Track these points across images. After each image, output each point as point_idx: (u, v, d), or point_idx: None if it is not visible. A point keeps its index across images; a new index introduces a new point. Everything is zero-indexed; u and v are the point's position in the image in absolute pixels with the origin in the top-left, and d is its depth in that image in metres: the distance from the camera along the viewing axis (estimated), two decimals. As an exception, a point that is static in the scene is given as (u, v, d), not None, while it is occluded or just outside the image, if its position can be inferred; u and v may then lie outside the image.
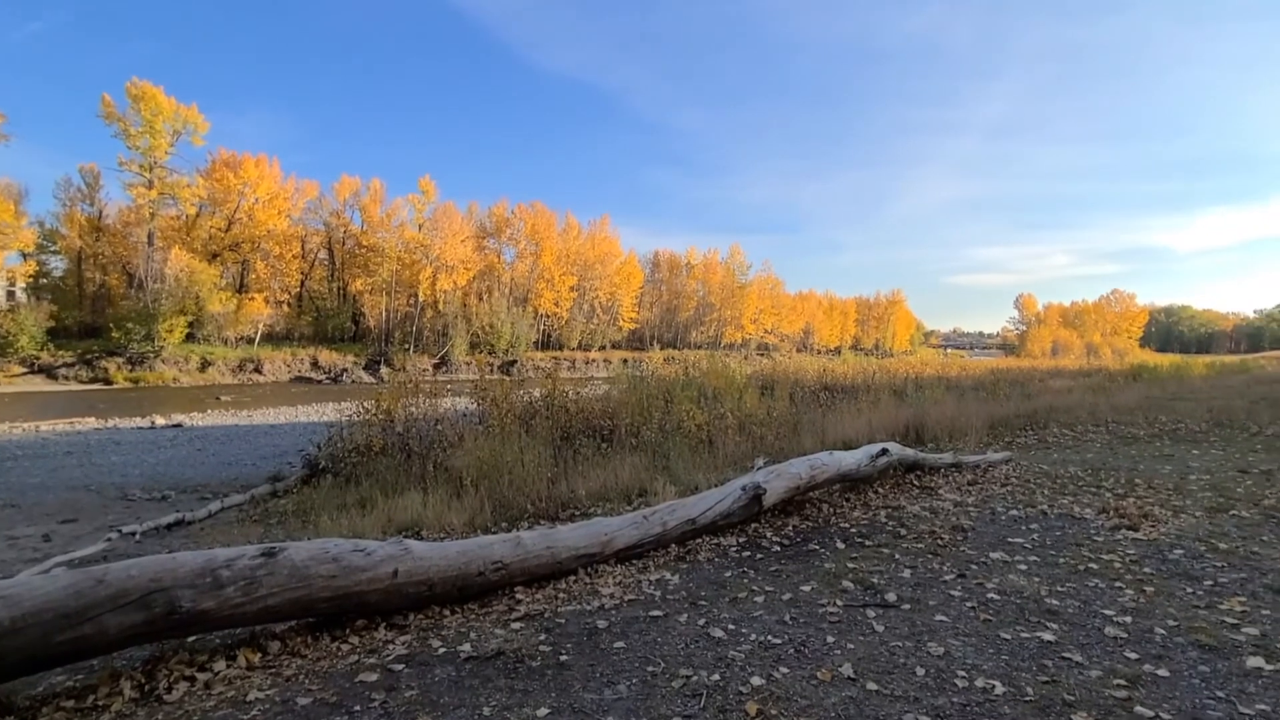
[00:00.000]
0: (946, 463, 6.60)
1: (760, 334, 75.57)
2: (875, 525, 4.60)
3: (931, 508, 5.08)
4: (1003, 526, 4.51)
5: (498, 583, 3.40)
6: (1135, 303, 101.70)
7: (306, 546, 2.98)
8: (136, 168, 42.00)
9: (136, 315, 38.36)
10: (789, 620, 2.96)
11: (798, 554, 4.01)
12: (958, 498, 5.43)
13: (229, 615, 2.70)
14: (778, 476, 4.74)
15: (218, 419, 22.52)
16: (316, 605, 2.92)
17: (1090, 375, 26.74)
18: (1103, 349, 78.62)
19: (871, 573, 3.59)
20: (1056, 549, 3.94)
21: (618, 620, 3.01)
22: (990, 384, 19.55)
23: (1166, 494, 5.33)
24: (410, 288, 50.10)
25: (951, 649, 2.64)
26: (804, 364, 24.74)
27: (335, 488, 8.27)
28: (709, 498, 4.43)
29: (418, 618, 3.15)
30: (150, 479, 11.67)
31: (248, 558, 2.79)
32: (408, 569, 3.12)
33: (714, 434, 9.06)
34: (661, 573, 3.70)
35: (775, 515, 4.85)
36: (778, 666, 2.52)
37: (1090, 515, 4.71)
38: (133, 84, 41.39)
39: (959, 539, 4.21)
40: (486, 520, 5.25)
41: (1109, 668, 2.47)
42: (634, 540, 3.90)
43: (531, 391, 10.18)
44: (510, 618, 3.10)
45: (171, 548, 6.40)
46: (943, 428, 9.40)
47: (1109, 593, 3.21)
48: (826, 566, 3.72)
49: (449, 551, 3.30)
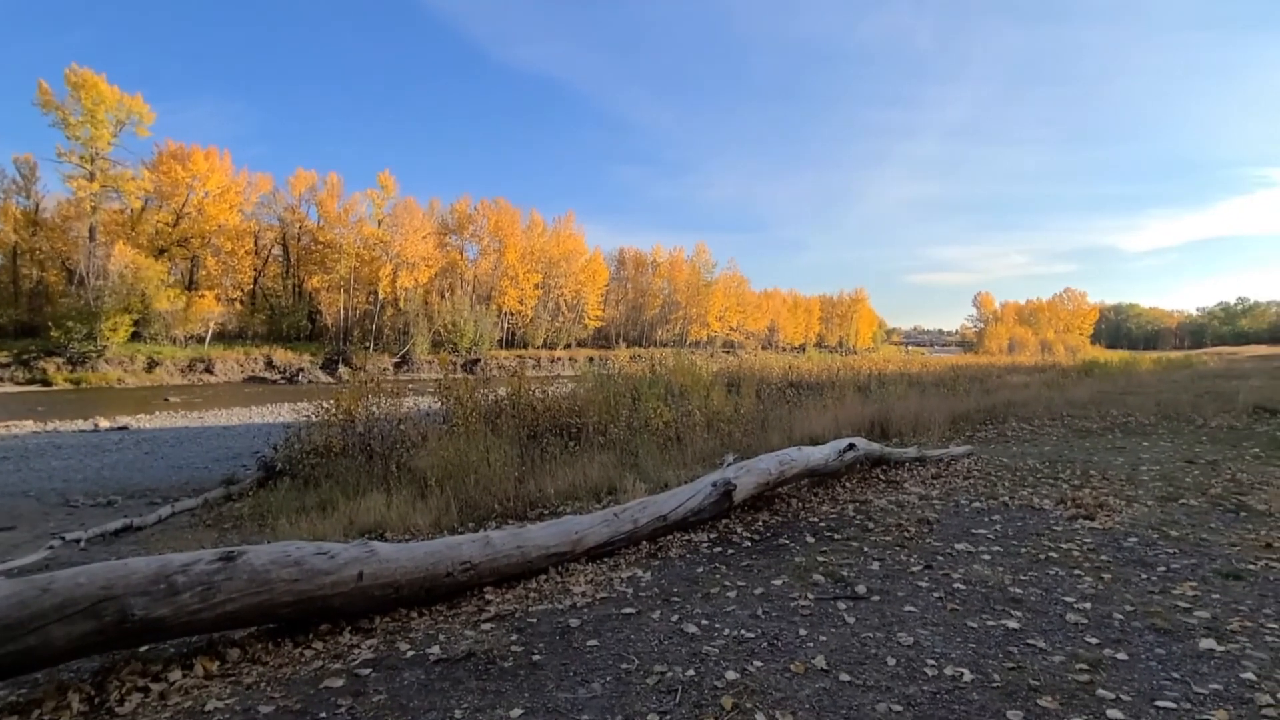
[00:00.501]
0: (911, 457, 6.74)
1: (726, 332, 76.24)
2: (844, 519, 4.67)
3: (898, 501, 5.18)
4: (966, 518, 4.62)
5: (467, 583, 3.33)
6: (1087, 301, 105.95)
7: (267, 550, 2.87)
8: (76, 159, 39.94)
9: (77, 313, 36.51)
10: (761, 614, 2.97)
11: (768, 548, 4.04)
12: (923, 491, 5.55)
13: (185, 623, 2.58)
14: (747, 473, 4.77)
15: (167, 421, 21.62)
16: (278, 610, 2.80)
17: (1045, 371, 27.77)
18: (1056, 345, 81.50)
19: (841, 566, 3.64)
20: (1018, 539, 4.06)
21: (590, 618, 2.98)
22: (950, 380, 20.11)
23: (1120, 484, 5.55)
24: (370, 285, 48.93)
25: (921, 638, 2.69)
26: (769, 361, 25.07)
27: (294, 490, 8.01)
28: (680, 494, 4.42)
29: (384, 621, 3.06)
30: (95, 484, 11.13)
31: (205, 563, 2.67)
32: (373, 571, 3.03)
33: (682, 431, 9.09)
34: (633, 570, 3.68)
35: (745, 511, 4.87)
36: (752, 660, 2.52)
37: (1049, 506, 4.87)
38: (72, 71, 39.36)
39: (925, 531, 4.29)
40: (453, 521, 5.14)
41: (1071, 653, 2.54)
42: (605, 538, 3.87)
43: (497, 390, 10.04)
44: (480, 618, 3.03)
45: (120, 554, 6.11)
46: (907, 423, 9.61)
47: (1069, 580, 3.32)
48: (797, 560, 3.75)
49: (416, 553, 3.21)
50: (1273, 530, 4.07)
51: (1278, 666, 2.38)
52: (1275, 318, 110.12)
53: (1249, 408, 10.92)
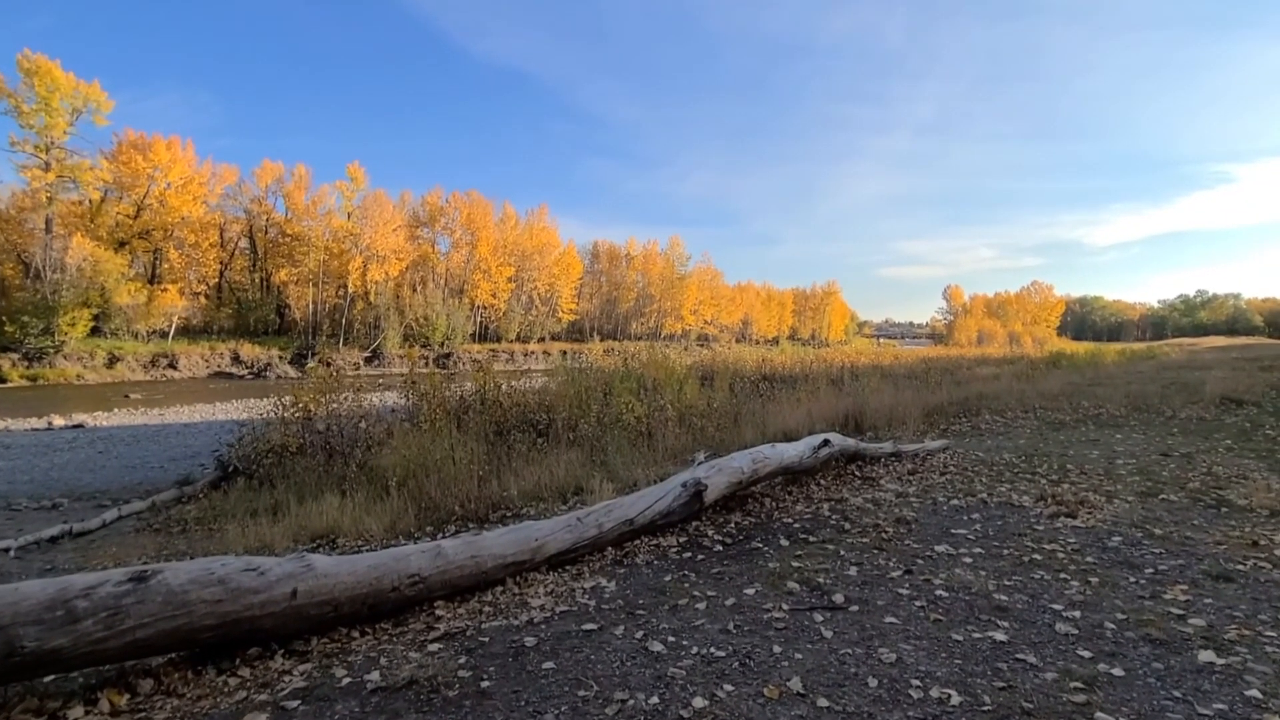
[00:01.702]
0: (887, 452, 6.62)
1: (700, 325, 76.24)
2: (819, 519, 4.50)
3: (874, 499, 5.03)
4: (945, 517, 4.48)
5: (415, 598, 3.07)
6: (1054, 294, 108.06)
7: (187, 568, 2.57)
8: (31, 148, 38.16)
9: (33, 308, 35.03)
10: (733, 629, 2.76)
11: (741, 553, 3.84)
12: (899, 488, 5.41)
13: (88, 653, 2.28)
14: (719, 471, 4.57)
15: (125, 419, 20.81)
16: (199, 635, 2.52)
17: (1014, 363, 28.19)
18: (1024, 337, 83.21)
19: (817, 571, 3.45)
20: (1000, 540, 3.92)
21: (548, 636, 2.75)
22: (922, 372, 20.23)
23: (1098, 479, 5.47)
24: (339, 278, 47.80)
25: (904, 655, 2.51)
26: (743, 354, 24.97)
27: (248, 491, 7.65)
28: (648, 496, 4.21)
29: (321, 642, 2.79)
30: (41, 486, 10.57)
31: (112, 584, 2.37)
32: (309, 588, 2.75)
33: (653, 426, 8.88)
34: (597, 579, 3.45)
35: (717, 511, 4.68)
36: (721, 684, 2.31)
37: (1029, 503, 4.75)
38: (25, 57, 37.61)
39: (903, 532, 4.14)
40: (410, 525, 4.86)
41: (1064, 669, 2.38)
42: (568, 545, 3.64)
43: (465, 385, 9.73)
44: (428, 638, 2.78)
45: (56, 564, 5.72)
46: (881, 417, 9.53)
47: (1055, 585, 3.18)
48: (771, 566, 3.55)
49: (358, 567, 2.94)
50: (1257, 527, 3.99)
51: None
52: (1232, 310, 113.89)
53: (1216, 399, 11.06)
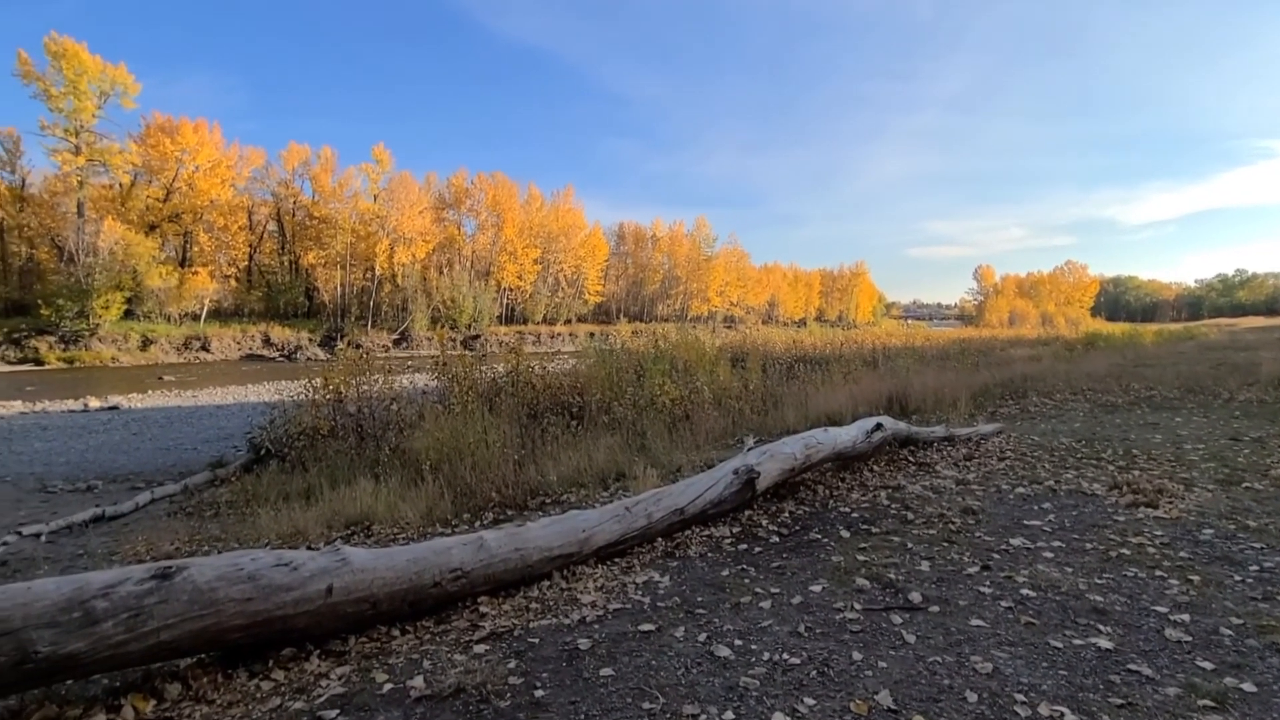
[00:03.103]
0: (939, 436, 6.28)
1: (726, 307, 75.51)
2: (878, 509, 4.21)
3: (933, 487, 4.73)
4: (1013, 507, 4.17)
5: (457, 594, 2.87)
6: (1088, 273, 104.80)
7: (214, 564, 2.39)
8: (61, 132, 38.76)
9: (68, 291, 35.84)
10: (804, 631, 2.52)
11: (799, 545, 3.58)
12: (958, 475, 5.09)
13: (108, 657, 2.12)
14: (770, 458, 4.30)
15: (159, 400, 21.19)
16: (228, 636, 2.34)
17: (1048, 344, 27.40)
18: (1057, 318, 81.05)
19: (886, 566, 3.18)
20: (1079, 532, 3.60)
21: (603, 638, 2.53)
22: (957, 354, 19.66)
23: (1170, 465, 5.09)
24: (366, 261, 48.09)
25: (999, 664, 2.24)
26: (772, 336, 24.55)
27: (280, 474, 7.59)
28: (697, 484, 3.96)
29: (359, 641, 2.61)
30: (76, 468, 10.71)
31: (133, 582, 2.20)
32: (345, 585, 2.57)
33: (690, 410, 8.62)
34: (649, 573, 3.22)
35: (768, 500, 4.41)
36: (801, 696, 2.07)
37: (1101, 491, 4.41)
38: (52, 39, 37.97)
39: (971, 523, 3.84)
40: (446, 512, 4.69)
41: (1186, 683, 2.09)
42: (616, 536, 3.41)
43: (495, 367, 9.56)
44: (473, 638, 2.58)
45: (89, 548, 5.68)
46: (926, 399, 9.15)
47: (1153, 584, 2.87)
48: (835, 560, 3.29)
49: (397, 560, 2.75)
50: (1370, 521, 3.61)
51: None
52: (1273, 289, 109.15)
53: (1274, 380, 10.46)
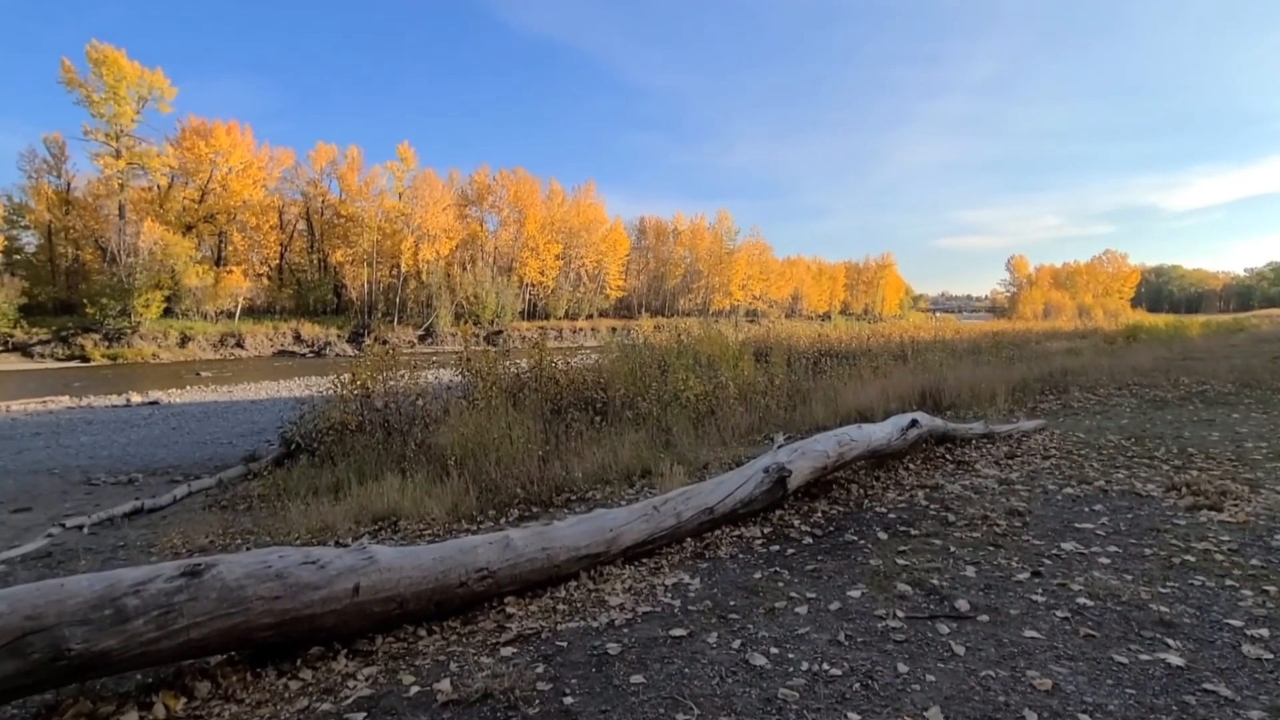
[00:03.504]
0: (978, 433, 6.06)
1: (749, 300, 74.88)
2: (916, 509, 4.06)
3: (974, 486, 4.55)
4: (1062, 509, 3.97)
5: (484, 594, 2.82)
6: (1127, 263, 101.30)
7: (243, 561, 2.37)
8: (102, 136, 40.07)
9: (111, 290, 37.06)
10: (844, 640, 2.40)
11: (835, 547, 3.45)
12: (999, 473, 4.90)
13: (139, 654, 2.10)
14: (802, 456, 4.17)
15: (197, 395, 21.75)
16: (256, 634, 2.32)
17: (1086, 336, 26.61)
18: (1095, 310, 78.67)
19: (929, 571, 3.04)
20: (1137, 537, 3.40)
21: (632, 642, 2.44)
22: (991, 346, 19.17)
23: (1231, 465, 4.82)
24: (392, 258, 48.77)
25: (1059, 680, 2.09)
26: (796, 330, 24.20)
27: (310, 468, 7.67)
28: (726, 482, 3.85)
29: (386, 641, 2.57)
30: (119, 461, 11.01)
31: (163, 580, 2.18)
32: (372, 584, 2.53)
33: (715, 405, 8.50)
34: (679, 574, 3.13)
35: (799, 499, 4.28)
36: (844, 711, 1.96)
37: (1157, 493, 4.18)
38: (93, 47, 39.22)
39: (1018, 526, 3.66)
40: (471, 508, 4.66)
41: (1271, 706, 1.93)
42: (644, 536, 3.33)
43: (518, 362, 9.55)
44: (500, 640, 2.52)
45: (128, 540, 5.79)
46: (961, 394, 8.87)
47: (1223, 595, 2.68)
48: (873, 564, 3.16)
49: (423, 560, 2.70)
50: None
51: None
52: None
53: (1339, 374, 9.94)
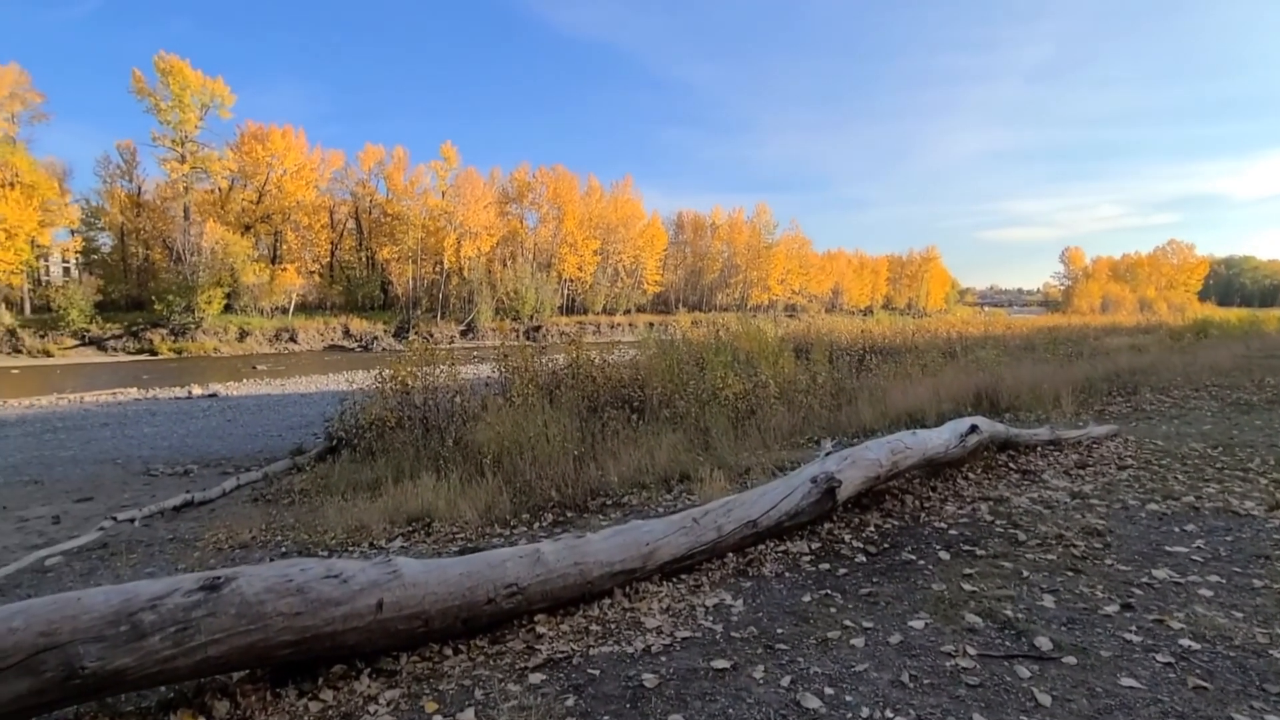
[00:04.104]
0: (1043, 439, 5.63)
1: (788, 295, 73.54)
2: (979, 525, 3.73)
3: (1043, 499, 4.18)
4: (1148, 529, 3.59)
5: (513, 611, 2.66)
6: (1194, 254, 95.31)
7: (262, 574, 2.27)
8: (169, 142, 42.12)
9: (176, 287, 38.91)
10: (908, 681, 2.14)
11: (891, 567, 3.17)
12: (1070, 485, 4.50)
13: (154, 673, 2.01)
14: (853, 464, 3.89)
15: (252, 388, 22.55)
16: (276, 652, 2.21)
17: (1150, 332, 25.23)
18: (1158, 304, 74.68)
19: (1000, 599, 2.74)
20: (1242, 565, 3.02)
21: (671, 674, 2.24)
22: (1046, 343, 18.23)
23: (1341, 481, 4.31)
24: (435, 255, 49.73)
25: (1167, 742, 1.80)
26: (837, 325, 23.57)
27: (351, 464, 7.74)
28: (771, 492, 3.60)
29: (411, 660, 2.44)
30: (177, 452, 11.43)
31: (181, 594, 2.09)
32: (396, 599, 2.39)
33: (755, 404, 8.21)
34: (720, 594, 2.91)
35: (848, 510, 4.00)
36: (912, 770, 1.72)
37: (1258, 511, 3.74)
38: (160, 58, 41.17)
39: (1098, 548, 3.31)
40: (505, 511, 4.54)
41: None
42: (683, 550, 3.12)
43: (556, 358, 9.46)
44: (528, 665, 2.35)
45: (176, 532, 5.91)
46: (1020, 395, 8.34)
47: (1357, 640, 2.31)
48: (935, 589, 2.88)
49: (450, 574, 2.56)
50: None
51: None
52: None
53: None
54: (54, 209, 38.61)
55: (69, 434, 13.36)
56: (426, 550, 3.99)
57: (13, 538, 5.90)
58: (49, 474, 9.47)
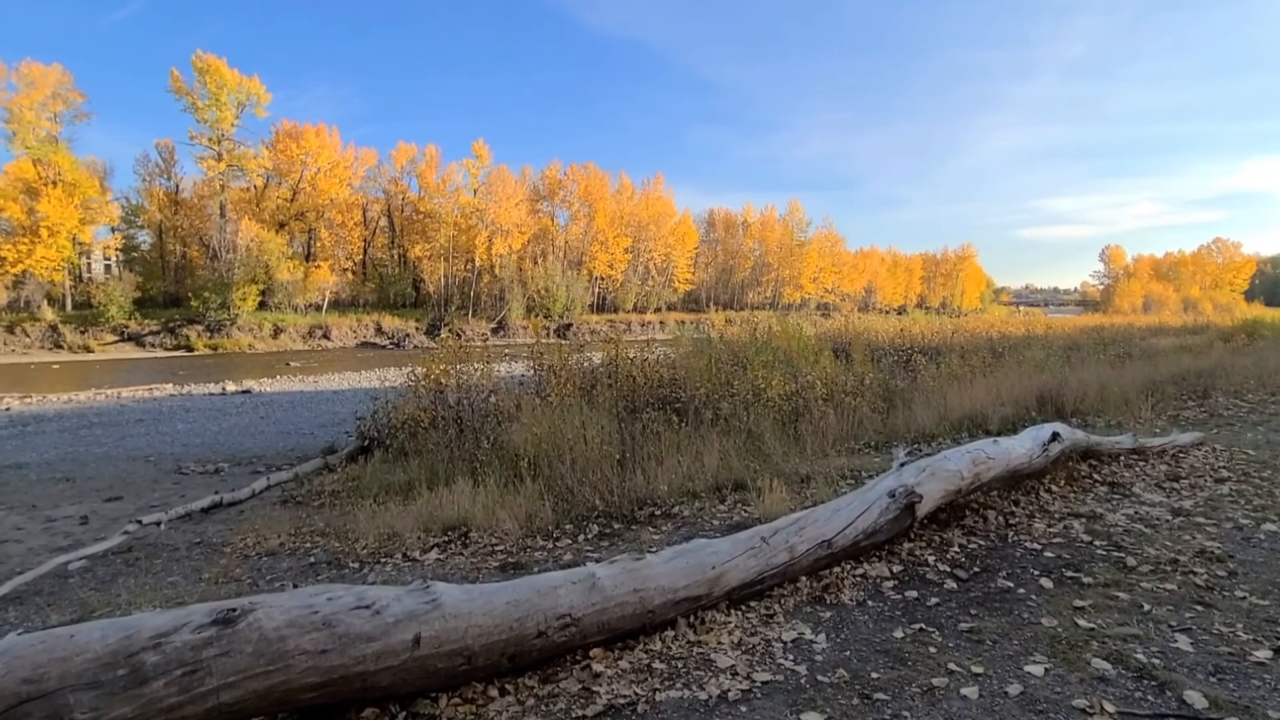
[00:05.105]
0: (1126, 448, 5.15)
1: (820, 294, 72.44)
2: (1077, 547, 3.31)
3: (1141, 516, 3.73)
4: (1271, 553, 3.14)
5: (565, 645, 2.35)
6: (1240, 252, 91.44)
7: (285, 605, 1.99)
8: (206, 140, 43.02)
9: (212, 284, 39.73)
10: (1046, 750, 1.78)
11: (988, 597, 2.79)
12: (1167, 500, 4.05)
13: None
14: (932, 476, 3.50)
15: (285, 385, 22.77)
16: (298, 696, 1.93)
17: (1199, 332, 24.10)
18: (1203, 303, 71.88)
19: (1126, 640, 2.34)
20: None
21: (754, 729, 1.91)
22: (1093, 343, 17.40)
23: None
24: (467, 253, 50.02)
25: None
26: (874, 324, 22.94)
27: (383, 464, 7.55)
28: (844, 508, 3.24)
29: (451, 702, 2.14)
30: (209, 449, 11.43)
31: (190, 629, 1.82)
32: (436, 633, 2.10)
33: (802, 407, 7.80)
34: (797, 626, 2.56)
35: (925, 526, 3.61)
36: None
37: None
38: (198, 57, 42.02)
39: (1222, 576, 2.88)
40: (547, 521, 4.24)
41: None
42: (752, 574, 2.77)
43: (590, 357, 9.16)
44: (587, 712, 2.04)
45: (204, 536, 5.76)
46: (1086, 398, 7.79)
47: None
48: (1046, 625, 2.49)
49: (495, 603, 2.26)
50: None
51: None
52: None
53: None
54: (95, 207, 39.75)
55: (104, 430, 13.51)
56: (464, 564, 3.71)
57: (39, 539, 5.81)
58: (81, 471, 9.49)
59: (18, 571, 4.72)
